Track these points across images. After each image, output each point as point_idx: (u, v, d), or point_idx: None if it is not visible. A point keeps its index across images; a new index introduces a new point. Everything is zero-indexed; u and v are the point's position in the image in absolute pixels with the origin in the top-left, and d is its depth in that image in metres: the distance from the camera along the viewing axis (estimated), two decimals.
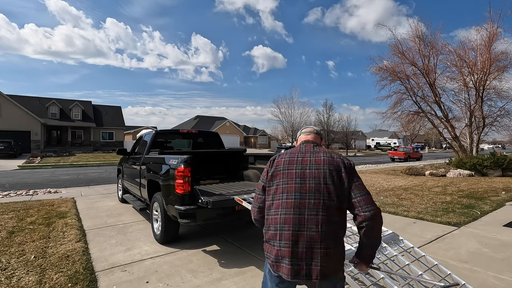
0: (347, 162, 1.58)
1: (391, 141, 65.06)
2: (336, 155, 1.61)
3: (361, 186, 1.53)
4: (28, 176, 14.19)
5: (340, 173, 1.52)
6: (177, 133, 6.60)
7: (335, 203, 1.48)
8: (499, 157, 12.46)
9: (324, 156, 1.58)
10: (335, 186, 1.49)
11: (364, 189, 1.53)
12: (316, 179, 1.50)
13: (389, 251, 2.59)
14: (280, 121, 44.99)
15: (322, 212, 1.45)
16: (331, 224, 1.45)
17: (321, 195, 1.47)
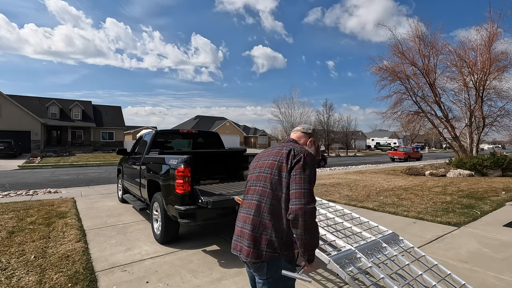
0: (292, 154, 1.57)
1: (391, 141, 65.05)
2: (289, 148, 1.61)
3: (299, 179, 1.49)
4: (28, 176, 14.19)
5: (281, 164, 1.57)
6: (177, 133, 6.60)
7: (271, 191, 1.55)
8: (499, 157, 12.46)
9: (280, 149, 1.66)
10: (273, 175, 1.57)
11: (301, 183, 1.48)
12: (263, 168, 1.64)
13: (389, 251, 2.59)
14: (280, 121, 44.97)
15: (257, 197, 1.59)
16: (264, 210, 1.54)
17: (260, 182, 1.61)
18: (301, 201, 1.43)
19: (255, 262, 1.52)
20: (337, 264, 2.21)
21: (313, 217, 1.45)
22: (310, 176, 1.52)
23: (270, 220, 1.53)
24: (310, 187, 1.50)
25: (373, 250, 2.54)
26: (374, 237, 2.74)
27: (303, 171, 1.51)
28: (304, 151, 1.61)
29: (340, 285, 2.93)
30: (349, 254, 2.39)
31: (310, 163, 1.55)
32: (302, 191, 1.46)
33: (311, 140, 1.80)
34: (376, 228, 3.07)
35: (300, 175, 1.50)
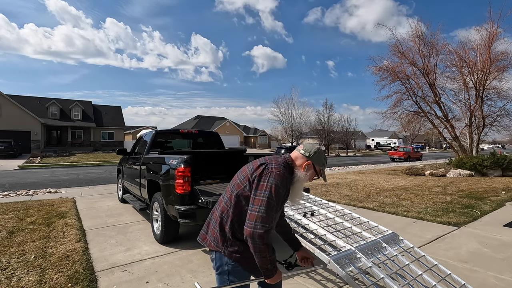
0: (260, 172, 1.58)
1: (391, 141, 65.05)
2: (264, 162, 1.63)
3: (258, 200, 1.50)
4: (28, 176, 14.19)
5: (248, 176, 1.62)
6: (177, 133, 6.60)
7: (234, 195, 1.63)
8: (499, 157, 12.46)
9: (260, 161, 1.68)
10: (241, 182, 1.64)
11: (256, 204, 1.50)
12: (240, 175, 1.70)
13: (389, 251, 2.59)
14: (280, 121, 45.02)
15: (224, 198, 1.71)
16: (224, 210, 1.66)
17: (231, 186, 1.70)
18: (252, 224, 1.47)
19: (213, 251, 1.68)
20: (337, 264, 2.21)
21: (262, 240, 1.46)
22: (270, 198, 1.50)
23: (223, 218, 1.66)
24: (267, 210, 1.48)
25: (373, 250, 2.54)
26: (374, 237, 2.74)
27: (262, 192, 1.51)
28: (275, 171, 1.56)
29: (340, 285, 2.93)
30: (349, 254, 2.39)
31: (276, 185, 1.52)
32: (256, 214, 1.48)
33: (308, 163, 1.67)
34: (376, 228, 3.07)
35: (259, 196, 1.51)
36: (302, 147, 1.73)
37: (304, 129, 45.51)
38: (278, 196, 1.53)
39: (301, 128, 44.69)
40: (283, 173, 1.59)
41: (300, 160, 1.69)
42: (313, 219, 3.17)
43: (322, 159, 1.71)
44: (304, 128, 45.52)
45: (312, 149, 1.69)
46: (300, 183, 1.68)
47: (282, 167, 1.61)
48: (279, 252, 3.69)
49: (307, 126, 45.80)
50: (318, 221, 3.11)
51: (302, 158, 1.69)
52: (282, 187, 1.56)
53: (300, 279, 3.07)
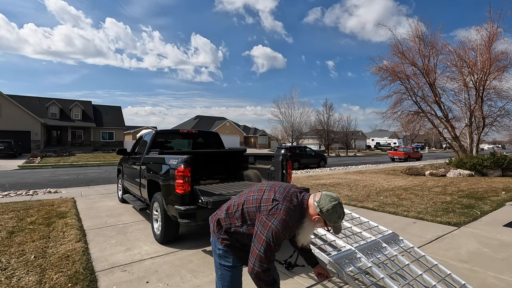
0: (269, 207, 1.67)
1: (391, 141, 65.06)
2: (277, 200, 1.69)
3: (259, 238, 1.64)
4: (28, 176, 14.19)
5: (259, 202, 1.74)
6: (177, 133, 6.60)
7: (243, 207, 1.79)
8: (499, 157, 12.46)
9: (274, 192, 1.75)
10: (252, 201, 1.77)
11: (259, 242, 1.63)
12: (255, 192, 1.83)
13: (389, 251, 2.59)
14: (280, 121, 44.99)
15: (235, 201, 1.87)
16: (230, 211, 1.85)
17: (245, 196, 1.84)
18: (252, 262, 1.64)
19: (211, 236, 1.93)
20: (337, 264, 2.21)
21: (259, 277, 1.64)
22: (271, 241, 1.60)
23: (226, 216, 1.85)
24: (266, 251, 1.61)
25: (373, 250, 2.54)
26: (374, 237, 2.74)
27: (266, 232, 1.62)
28: (281, 215, 1.62)
29: (340, 285, 2.93)
30: (349, 254, 2.39)
31: (277, 230, 1.61)
32: (257, 252, 1.64)
33: (319, 217, 1.66)
34: (376, 228, 3.07)
35: (262, 235, 1.63)
36: (318, 198, 1.68)
37: (304, 129, 45.52)
38: (278, 240, 1.63)
39: (301, 128, 44.70)
40: (289, 219, 1.64)
41: (312, 210, 1.68)
42: None
43: (335, 218, 1.65)
44: (304, 128, 45.55)
45: (326, 206, 1.63)
46: (308, 230, 1.73)
47: (291, 211, 1.65)
48: (279, 252, 3.68)
49: (307, 126, 45.82)
50: None
51: (315, 210, 1.66)
52: (284, 233, 1.64)
53: (300, 279, 3.07)
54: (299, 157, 20.54)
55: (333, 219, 1.64)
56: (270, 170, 4.88)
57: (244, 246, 1.83)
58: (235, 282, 1.86)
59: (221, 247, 1.83)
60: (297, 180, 11.24)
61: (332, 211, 1.62)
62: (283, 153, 4.76)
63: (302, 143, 44.61)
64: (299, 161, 20.33)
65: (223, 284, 1.85)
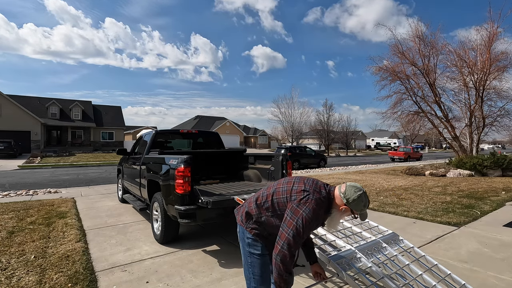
0: (300, 198, 1.76)
1: (391, 141, 65.07)
2: (308, 190, 1.78)
3: (289, 223, 1.72)
4: (28, 176, 14.19)
5: (289, 193, 1.84)
6: (177, 133, 6.60)
7: (272, 198, 1.90)
8: (499, 157, 12.45)
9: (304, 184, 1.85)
10: (282, 192, 1.86)
11: (288, 226, 1.72)
12: (284, 184, 1.93)
13: (389, 251, 2.59)
14: (280, 121, 44.98)
15: (263, 193, 1.99)
16: (259, 202, 1.96)
17: (274, 187, 1.95)
18: (281, 244, 1.72)
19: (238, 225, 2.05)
20: (337, 264, 2.21)
21: (285, 259, 1.71)
22: (300, 227, 1.69)
23: (256, 207, 1.95)
24: (294, 236, 1.69)
25: (373, 250, 2.54)
26: (374, 237, 2.74)
27: (297, 219, 1.70)
28: (313, 204, 1.72)
29: (340, 285, 2.93)
30: (349, 254, 2.39)
31: (308, 218, 1.70)
32: (286, 236, 1.71)
33: (345, 207, 1.76)
34: (376, 228, 3.07)
35: (293, 221, 1.71)
36: (344, 189, 1.77)
37: (304, 129, 45.51)
38: (308, 227, 1.72)
39: (301, 128, 44.69)
40: (319, 208, 1.74)
41: (339, 201, 1.77)
42: None
43: (361, 206, 1.74)
44: (304, 128, 45.54)
45: (352, 196, 1.73)
46: (336, 219, 1.85)
47: (320, 202, 1.75)
48: None
49: (307, 126, 45.81)
50: None
51: (341, 200, 1.76)
52: (314, 221, 1.73)
53: (300, 279, 3.07)
54: (299, 157, 20.55)
55: (359, 208, 1.74)
56: (270, 170, 4.88)
57: (271, 235, 1.93)
58: (264, 270, 1.94)
59: (250, 236, 1.94)
60: None
61: (358, 200, 1.72)
62: (283, 153, 4.76)
63: (302, 143, 44.61)
64: (299, 161, 20.34)
65: (253, 271, 1.93)
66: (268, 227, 1.92)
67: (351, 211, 1.76)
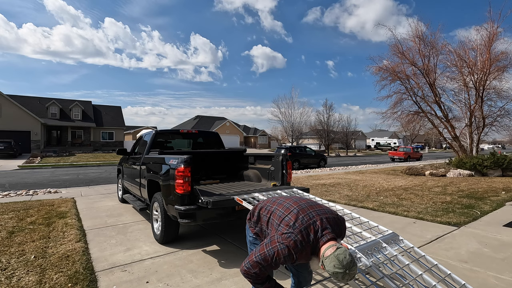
0: (283, 231, 1.76)
1: (391, 141, 65.09)
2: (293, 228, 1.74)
3: (261, 249, 1.74)
4: (28, 176, 14.19)
5: (280, 219, 1.86)
6: (177, 133, 6.60)
7: (268, 214, 1.99)
8: (499, 157, 12.45)
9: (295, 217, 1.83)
10: (278, 216, 1.91)
11: (259, 251, 1.74)
12: (280, 208, 1.99)
13: (389, 251, 2.58)
14: (280, 121, 44.98)
15: (268, 202, 2.12)
16: (262, 208, 2.09)
17: (276, 204, 2.03)
18: (245, 263, 1.76)
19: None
20: None
21: (247, 276, 1.77)
22: (270, 257, 1.67)
23: (258, 215, 2.09)
24: (260, 261, 1.69)
25: (373, 250, 2.53)
26: (374, 237, 2.74)
27: (270, 249, 1.69)
28: (291, 244, 1.65)
29: (340, 285, 2.93)
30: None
31: (282, 255, 1.65)
32: (253, 257, 1.74)
33: (322, 267, 1.63)
34: (376, 228, 3.06)
35: (265, 249, 1.71)
36: (328, 254, 1.58)
37: (304, 129, 45.52)
38: (277, 261, 1.67)
39: (301, 128, 44.69)
40: (296, 251, 1.66)
41: (319, 260, 1.65)
42: None
43: (337, 278, 1.54)
44: (304, 128, 45.54)
45: (328, 269, 1.55)
46: (316, 265, 1.76)
47: (301, 245, 1.66)
48: None
49: (307, 126, 45.82)
50: None
51: (322, 264, 1.62)
52: (285, 258, 1.66)
53: None
54: (299, 157, 20.55)
55: (336, 278, 1.55)
56: (270, 170, 4.88)
57: None
58: None
59: (251, 234, 2.14)
60: (297, 180, 11.24)
61: (333, 275, 1.54)
62: (283, 153, 4.76)
63: (302, 143, 44.62)
64: (299, 161, 20.34)
65: None
66: (264, 233, 2.03)
67: (323, 267, 1.63)
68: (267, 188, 4.32)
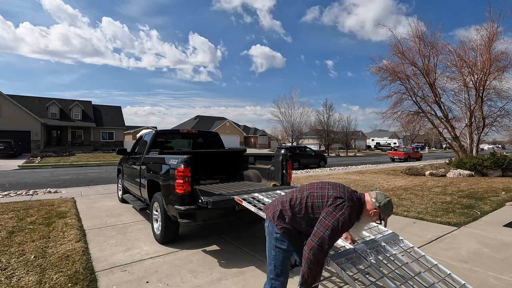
0: (336, 204, 1.97)
1: (391, 141, 65.10)
2: (342, 198, 2.00)
3: (325, 224, 1.92)
4: (28, 176, 14.19)
5: (325, 198, 2.04)
6: (177, 133, 6.60)
7: (307, 201, 2.11)
8: (499, 157, 12.45)
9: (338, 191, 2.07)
10: (317, 197, 2.08)
11: (324, 227, 1.92)
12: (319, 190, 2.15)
13: (389, 251, 2.58)
14: (280, 121, 44.96)
15: (296, 194, 2.20)
16: (293, 203, 2.16)
17: (307, 191, 2.16)
18: (314, 240, 1.91)
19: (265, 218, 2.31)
20: (336, 264, 2.21)
21: (317, 255, 1.90)
22: (336, 228, 1.89)
23: (289, 207, 2.14)
24: (330, 236, 1.89)
25: (373, 250, 2.53)
26: (373, 237, 2.74)
27: (333, 221, 1.90)
28: (348, 210, 1.92)
29: (340, 285, 2.93)
30: (349, 253, 2.38)
31: (344, 221, 1.90)
32: (321, 234, 1.90)
33: (376, 211, 1.99)
34: (376, 228, 3.06)
35: (329, 222, 1.91)
36: (374, 195, 2.02)
37: (304, 129, 45.51)
38: (342, 230, 1.92)
39: (301, 128, 44.68)
40: (353, 214, 1.95)
41: (370, 206, 2.00)
42: None
43: (389, 211, 2.00)
44: (304, 128, 45.54)
45: (383, 201, 1.99)
46: (363, 224, 2.09)
47: (354, 208, 1.96)
48: None
49: (307, 126, 45.81)
50: None
51: (372, 205, 1.99)
52: (348, 224, 1.95)
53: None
54: (299, 157, 20.55)
55: (388, 212, 1.99)
56: (270, 170, 4.88)
57: (300, 233, 2.14)
58: (286, 264, 2.18)
59: (279, 232, 2.15)
60: (297, 180, 11.24)
61: (388, 204, 1.98)
62: (283, 153, 4.76)
63: (302, 143, 44.61)
64: (299, 161, 20.34)
65: (275, 263, 2.16)
66: (298, 227, 2.13)
67: (379, 215, 1.98)
68: (267, 188, 4.32)
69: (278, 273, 2.15)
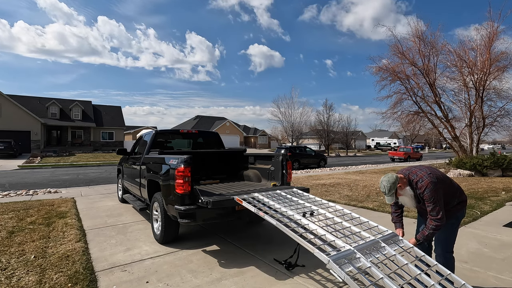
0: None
1: (391, 141, 65.09)
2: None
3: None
4: (28, 176, 14.19)
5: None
6: (177, 133, 6.60)
7: None
8: (499, 157, 12.46)
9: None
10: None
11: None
12: None
13: (388, 251, 2.58)
14: (280, 121, 44.92)
15: None
16: None
17: None
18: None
19: None
20: (336, 264, 2.21)
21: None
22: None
23: None
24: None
25: (373, 250, 2.53)
26: (373, 237, 2.74)
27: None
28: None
29: (340, 285, 2.94)
30: (349, 254, 2.39)
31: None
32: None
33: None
34: (376, 228, 3.06)
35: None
36: None
37: (304, 129, 45.49)
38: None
39: (301, 128, 44.66)
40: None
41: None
42: (313, 219, 3.16)
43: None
44: (304, 128, 45.51)
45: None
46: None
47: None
48: (279, 252, 3.67)
49: (307, 126, 45.79)
50: (317, 221, 3.10)
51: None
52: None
53: (300, 279, 3.07)
54: (299, 157, 20.55)
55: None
56: (270, 170, 4.88)
57: None
58: None
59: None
60: (297, 180, 11.24)
61: None
62: (283, 153, 4.76)
63: (302, 143, 44.61)
64: (299, 161, 20.34)
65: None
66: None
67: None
68: (267, 188, 4.32)
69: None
